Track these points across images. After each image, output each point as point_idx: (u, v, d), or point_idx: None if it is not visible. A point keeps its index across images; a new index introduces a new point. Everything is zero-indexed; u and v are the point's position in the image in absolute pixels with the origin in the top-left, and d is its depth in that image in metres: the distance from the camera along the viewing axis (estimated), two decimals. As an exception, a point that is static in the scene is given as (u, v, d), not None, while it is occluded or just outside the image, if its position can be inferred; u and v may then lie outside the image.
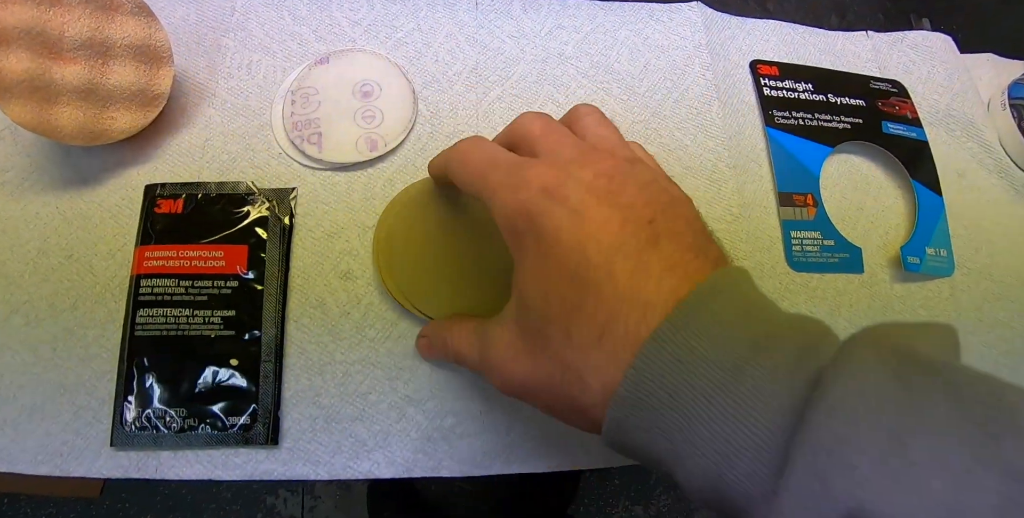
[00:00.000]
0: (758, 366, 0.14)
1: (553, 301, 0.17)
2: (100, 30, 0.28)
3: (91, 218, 0.29)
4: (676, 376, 0.15)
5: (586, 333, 0.16)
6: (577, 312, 0.16)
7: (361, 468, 0.25)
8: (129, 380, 0.26)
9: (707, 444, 0.14)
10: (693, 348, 0.15)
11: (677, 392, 0.15)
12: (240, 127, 0.31)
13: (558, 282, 0.17)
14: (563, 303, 0.17)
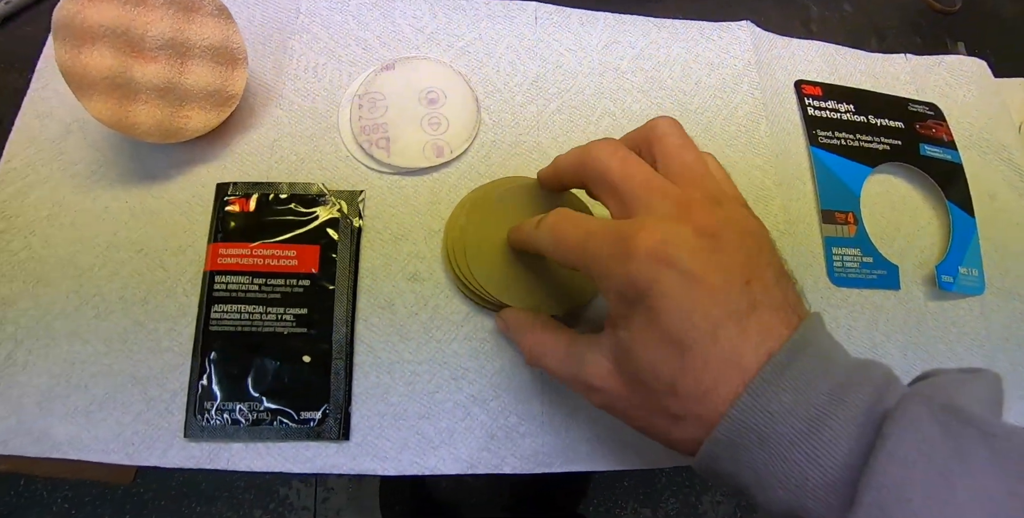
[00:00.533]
0: (834, 417, 0.17)
1: (660, 365, 0.19)
2: (181, 31, 0.29)
3: (160, 214, 0.30)
4: (766, 425, 0.17)
5: (691, 390, 0.18)
6: (682, 375, 0.18)
7: (427, 464, 0.26)
8: (203, 373, 0.27)
9: (789, 480, 0.17)
10: (781, 401, 0.17)
11: (765, 438, 0.17)
12: (308, 129, 0.32)
13: (665, 348, 0.18)
14: (670, 367, 0.19)
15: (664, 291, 0.18)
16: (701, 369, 0.18)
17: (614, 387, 0.21)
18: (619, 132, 0.34)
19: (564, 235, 0.21)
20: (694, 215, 0.19)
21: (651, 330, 0.19)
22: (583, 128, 0.34)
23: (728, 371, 0.18)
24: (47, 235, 0.30)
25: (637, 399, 0.20)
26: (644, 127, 0.24)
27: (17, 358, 0.28)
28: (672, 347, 0.18)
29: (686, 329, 0.18)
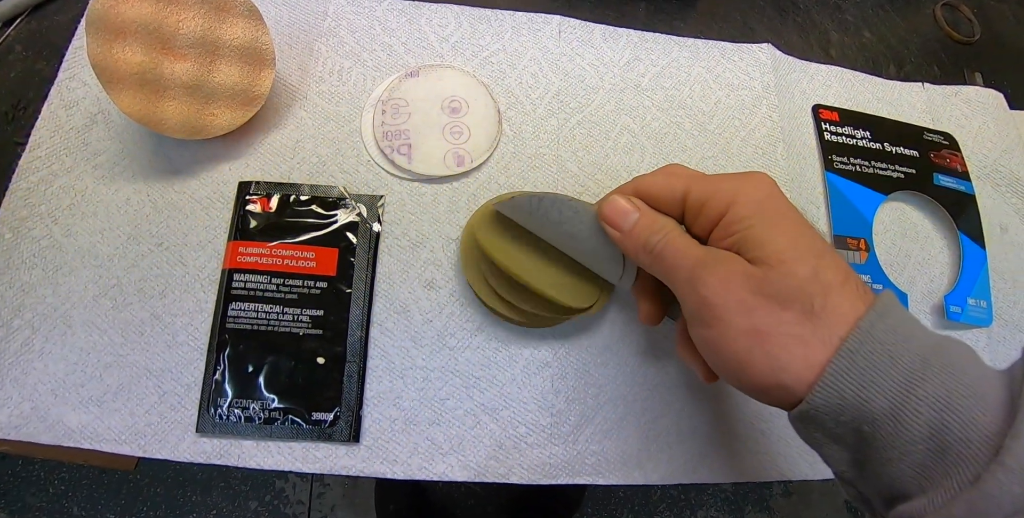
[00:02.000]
0: (953, 347, 0.18)
1: (801, 244, 0.20)
2: (212, 30, 0.29)
3: (181, 209, 0.30)
4: (894, 342, 0.18)
5: (831, 276, 0.19)
6: (822, 257, 0.20)
7: (436, 470, 0.27)
8: (218, 369, 0.27)
9: (929, 396, 0.17)
10: (903, 325, 0.18)
11: (896, 355, 0.17)
12: (330, 132, 0.32)
13: (802, 235, 0.20)
14: (811, 247, 0.20)
15: (788, 203, 0.21)
16: (834, 263, 0.20)
17: (747, 274, 0.20)
18: (637, 149, 0.35)
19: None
20: None
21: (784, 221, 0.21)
22: (602, 143, 0.34)
23: (849, 279, 0.19)
24: (69, 224, 0.30)
25: (773, 288, 0.19)
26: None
27: (34, 345, 0.28)
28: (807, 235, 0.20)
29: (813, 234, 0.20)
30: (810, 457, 0.30)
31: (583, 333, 0.30)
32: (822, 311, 0.18)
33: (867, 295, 0.19)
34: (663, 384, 0.30)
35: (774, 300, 0.19)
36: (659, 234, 0.22)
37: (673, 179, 0.23)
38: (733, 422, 0.30)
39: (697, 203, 0.22)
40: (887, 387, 0.17)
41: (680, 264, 0.21)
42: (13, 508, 0.70)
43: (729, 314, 0.20)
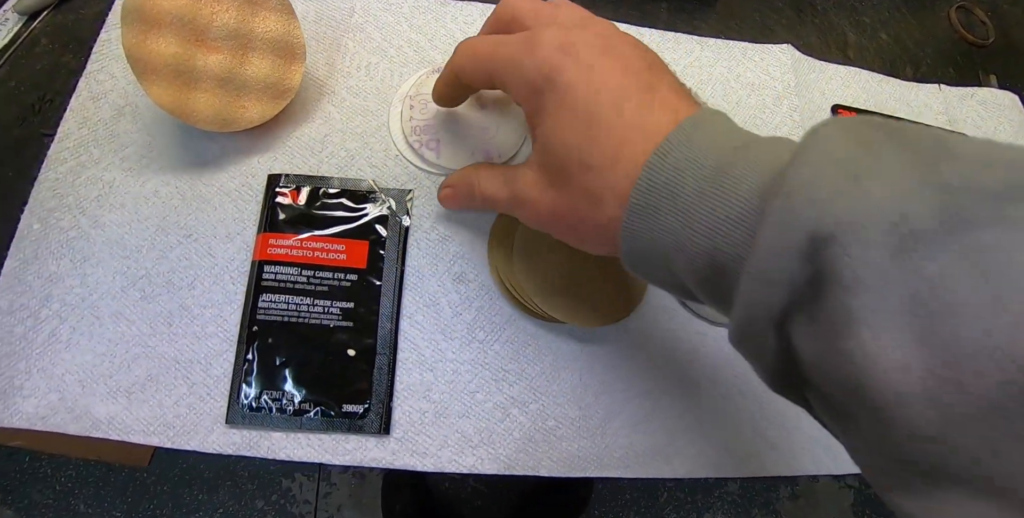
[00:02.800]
0: (739, 161, 0.17)
1: (571, 140, 0.20)
2: (245, 22, 0.30)
3: (210, 201, 0.30)
4: (675, 182, 0.18)
5: (600, 160, 0.19)
6: (593, 143, 0.20)
7: (466, 462, 0.27)
8: (248, 361, 0.27)
9: (702, 227, 0.17)
10: (688, 158, 0.18)
11: (676, 194, 0.17)
12: (358, 126, 0.33)
13: (574, 124, 0.20)
14: (580, 140, 0.20)
15: (570, 77, 0.20)
16: (607, 137, 0.19)
17: (541, 192, 0.22)
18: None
19: (477, 48, 0.23)
20: (595, 27, 0.22)
21: (560, 114, 0.20)
22: (628, 140, 0.34)
23: (633, 137, 0.19)
24: (97, 215, 0.30)
25: (561, 193, 0.21)
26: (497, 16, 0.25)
27: (61, 335, 0.28)
28: (581, 123, 0.20)
29: (590, 105, 0.20)
30: (833, 452, 0.30)
31: (611, 328, 0.30)
32: (601, 194, 0.20)
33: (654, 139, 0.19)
34: (689, 379, 0.30)
35: (566, 204, 0.21)
36: (475, 196, 0.26)
37: (478, 61, 0.23)
38: (758, 418, 0.30)
39: (501, 88, 0.23)
40: (669, 226, 0.18)
41: (505, 210, 0.25)
42: (20, 505, 0.69)
43: (553, 228, 0.23)
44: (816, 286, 0.14)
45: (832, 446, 0.31)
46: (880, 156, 0.14)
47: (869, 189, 0.13)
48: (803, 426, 0.30)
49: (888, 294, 0.12)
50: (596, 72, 0.20)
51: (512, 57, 0.21)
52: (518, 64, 0.21)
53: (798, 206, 0.14)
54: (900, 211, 0.13)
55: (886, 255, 0.13)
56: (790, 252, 0.14)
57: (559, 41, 0.20)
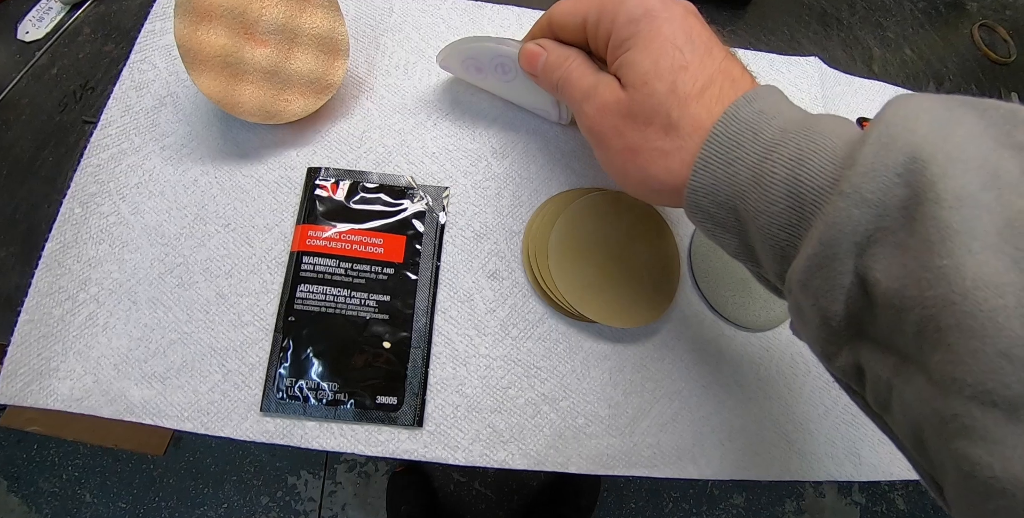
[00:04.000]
0: (823, 119, 0.18)
1: (662, 62, 0.21)
2: (292, 18, 0.30)
3: (249, 191, 0.31)
4: (760, 122, 0.19)
5: (690, 88, 0.21)
6: (683, 71, 0.21)
7: (497, 457, 0.27)
8: (284, 350, 0.27)
9: (784, 160, 0.17)
10: (773, 106, 0.19)
11: (759, 131, 0.19)
12: (396, 123, 0.33)
13: (668, 49, 0.21)
14: (671, 64, 0.21)
15: (669, 14, 0.21)
16: (698, 69, 0.21)
17: (616, 101, 0.22)
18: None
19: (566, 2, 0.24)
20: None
21: (655, 37, 0.21)
22: (660, 145, 0.35)
23: (721, 78, 0.21)
24: (136, 202, 0.30)
25: (637, 110, 0.22)
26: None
27: (98, 319, 0.28)
28: (674, 50, 0.21)
29: (687, 39, 0.21)
30: (855, 458, 0.31)
31: (641, 329, 0.30)
32: (680, 121, 0.21)
33: (738, 88, 0.21)
34: (716, 382, 0.30)
35: (639, 120, 0.22)
36: (560, 69, 0.25)
37: (578, 4, 0.24)
38: (783, 422, 0.30)
39: (592, 27, 0.24)
40: (748, 159, 0.19)
41: (573, 96, 0.25)
42: (26, 492, 0.69)
43: (606, 138, 0.23)
44: (910, 209, 0.14)
45: (852, 452, 0.31)
46: (961, 118, 0.15)
47: (958, 134, 0.14)
48: (826, 432, 0.31)
49: (985, 217, 0.13)
50: (690, 19, 0.22)
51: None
52: (622, 1, 0.22)
53: (897, 133, 0.15)
54: (985, 157, 0.14)
55: (980, 186, 0.13)
56: (888, 171, 0.14)
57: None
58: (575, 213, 0.30)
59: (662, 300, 0.30)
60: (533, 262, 0.29)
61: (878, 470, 0.31)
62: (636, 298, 0.29)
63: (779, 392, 0.31)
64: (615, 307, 0.29)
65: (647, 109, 0.21)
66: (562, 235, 0.29)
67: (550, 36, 0.27)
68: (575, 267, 0.29)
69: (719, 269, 0.32)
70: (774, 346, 0.31)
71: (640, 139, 0.22)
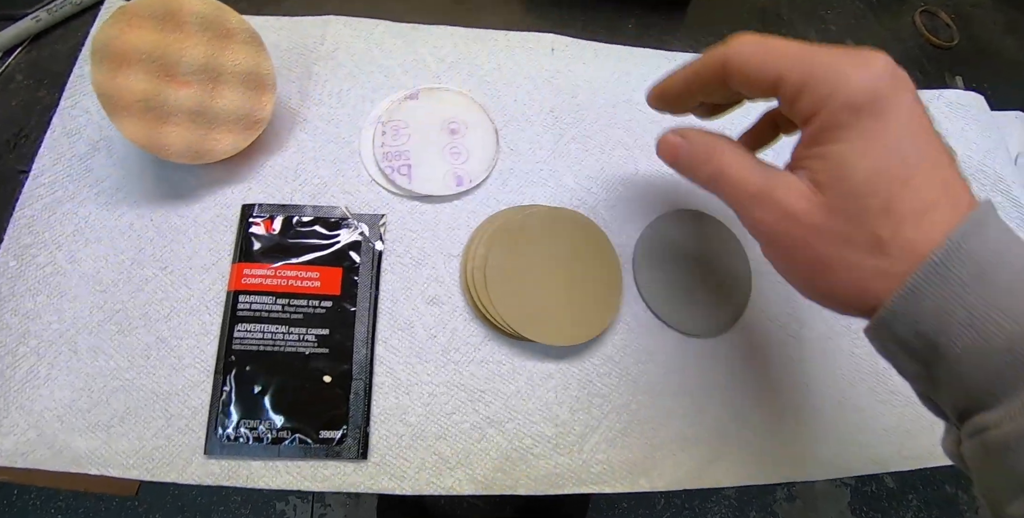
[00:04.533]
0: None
1: (882, 175, 0.18)
2: (214, 57, 0.30)
3: (186, 232, 0.31)
4: (985, 255, 0.17)
5: (908, 208, 0.18)
6: (904, 188, 0.18)
7: (444, 484, 0.27)
8: (225, 391, 0.27)
9: (1014, 310, 0.16)
10: (999, 237, 0.17)
11: (985, 268, 0.17)
12: (331, 153, 0.33)
13: (892, 158, 0.18)
14: (892, 178, 0.18)
15: (901, 108, 0.18)
16: (923, 186, 0.18)
17: (806, 208, 0.19)
18: (631, 162, 0.35)
19: (770, 42, 0.20)
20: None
21: (880, 138, 0.18)
22: (597, 157, 0.35)
23: (944, 199, 0.18)
24: (73, 250, 0.30)
25: (836, 222, 0.19)
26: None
27: (39, 372, 0.28)
28: (899, 159, 0.18)
29: (916, 145, 0.18)
30: (814, 460, 0.31)
31: (585, 344, 0.30)
32: (889, 243, 0.18)
33: (959, 210, 0.18)
34: (666, 392, 0.30)
35: (836, 233, 0.19)
36: (710, 164, 0.22)
37: (775, 55, 0.20)
38: (738, 427, 0.30)
39: (791, 94, 0.20)
40: (968, 299, 0.17)
41: (737, 198, 0.21)
42: (11, 539, 0.69)
43: (790, 249, 0.20)
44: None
45: (811, 455, 0.31)
46: None
47: None
48: (782, 435, 0.31)
49: None
50: (921, 117, 0.19)
51: (832, 64, 0.19)
52: (840, 73, 0.19)
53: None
54: None
55: None
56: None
57: (892, 67, 0.19)
58: (512, 231, 0.30)
59: (605, 313, 0.30)
60: (471, 285, 0.29)
61: (834, 467, 0.31)
62: (578, 313, 0.29)
63: (730, 398, 0.31)
64: (557, 324, 0.29)
65: (850, 224, 0.19)
66: (499, 255, 0.29)
67: (716, 79, 0.22)
68: (514, 287, 0.29)
69: (664, 278, 0.32)
70: (722, 352, 0.31)
71: (835, 254, 0.19)
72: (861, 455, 0.31)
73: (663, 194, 0.35)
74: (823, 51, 0.19)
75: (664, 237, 0.33)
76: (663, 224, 0.33)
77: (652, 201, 0.34)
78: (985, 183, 0.41)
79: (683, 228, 0.33)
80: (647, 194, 0.34)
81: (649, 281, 0.32)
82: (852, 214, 0.19)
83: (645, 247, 0.32)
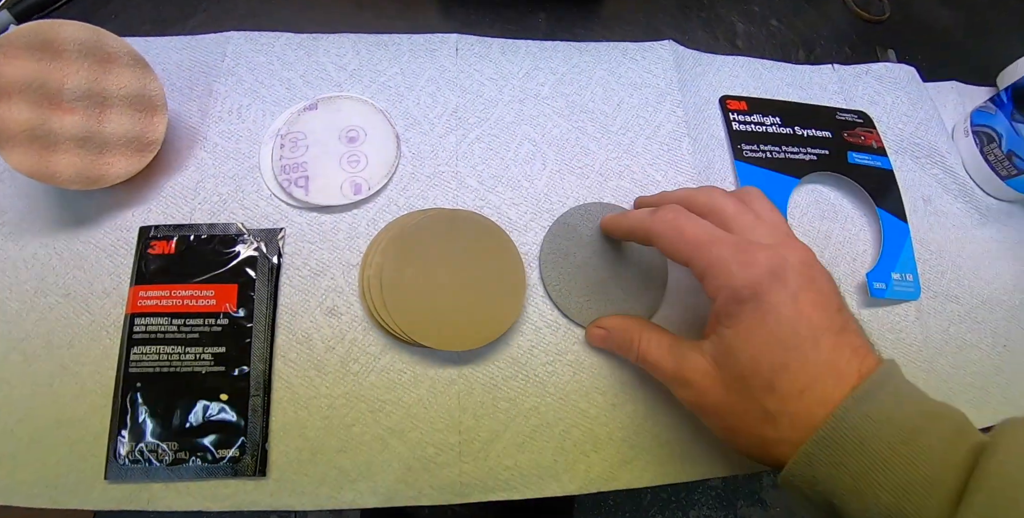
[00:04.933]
0: (930, 430, 0.19)
1: (762, 360, 0.21)
2: (98, 82, 0.30)
3: (87, 258, 0.31)
4: (866, 429, 0.19)
5: (789, 388, 0.21)
6: (783, 371, 0.21)
7: (345, 498, 0.26)
8: (123, 415, 0.27)
9: (889, 483, 0.18)
10: (880, 410, 0.20)
11: (865, 441, 0.19)
12: (231, 169, 0.33)
13: (770, 345, 0.21)
14: (771, 362, 0.21)
15: (776, 300, 0.21)
16: (800, 369, 0.21)
17: (710, 386, 0.23)
18: (539, 157, 0.35)
19: (688, 231, 0.24)
20: (798, 251, 0.23)
21: (758, 328, 0.21)
22: (502, 155, 0.34)
23: (825, 375, 0.21)
24: (-24, 284, 0.30)
25: (732, 398, 0.22)
26: (738, 191, 0.27)
27: (-55, 407, 0.28)
28: (776, 345, 0.21)
29: (791, 333, 0.21)
30: (724, 458, 0.30)
31: (488, 347, 0.29)
32: (778, 417, 0.21)
33: (846, 381, 0.21)
34: (576, 392, 0.29)
35: (735, 406, 0.22)
36: (632, 352, 0.27)
37: (680, 242, 0.24)
38: (651, 425, 0.29)
39: (698, 275, 0.24)
40: (853, 467, 0.19)
41: (661, 377, 0.26)
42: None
43: (706, 417, 0.24)
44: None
45: (721, 452, 0.30)
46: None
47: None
48: (700, 428, 0.30)
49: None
50: (799, 303, 0.21)
51: (724, 260, 0.22)
52: (728, 270, 0.22)
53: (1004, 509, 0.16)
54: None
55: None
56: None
57: (772, 264, 0.22)
58: (408, 237, 0.29)
59: (507, 315, 0.29)
60: (367, 294, 0.29)
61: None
62: (480, 316, 0.29)
63: (643, 395, 0.30)
64: (457, 329, 0.28)
65: (743, 399, 0.22)
66: (395, 262, 0.28)
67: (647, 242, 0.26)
68: (411, 293, 0.28)
69: (571, 274, 0.31)
70: (635, 346, 0.31)
71: (738, 424, 0.22)
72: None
73: (571, 189, 0.34)
74: (723, 244, 0.23)
75: (572, 232, 0.32)
76: (571, 219, 0.33)
77: (561, 196, 0.34)
78: (920, 155, 0.40)
79: (592, 222, 0.32)
80: (555, 190, 0.34)
81: (556, 278, 0.31)
82: (742, 391, 0.22)
83: (551, 243, 0.32)
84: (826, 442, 0.20)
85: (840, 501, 0.19)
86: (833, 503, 0.20)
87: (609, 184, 0.34)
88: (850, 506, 0.19)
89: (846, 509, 0.19)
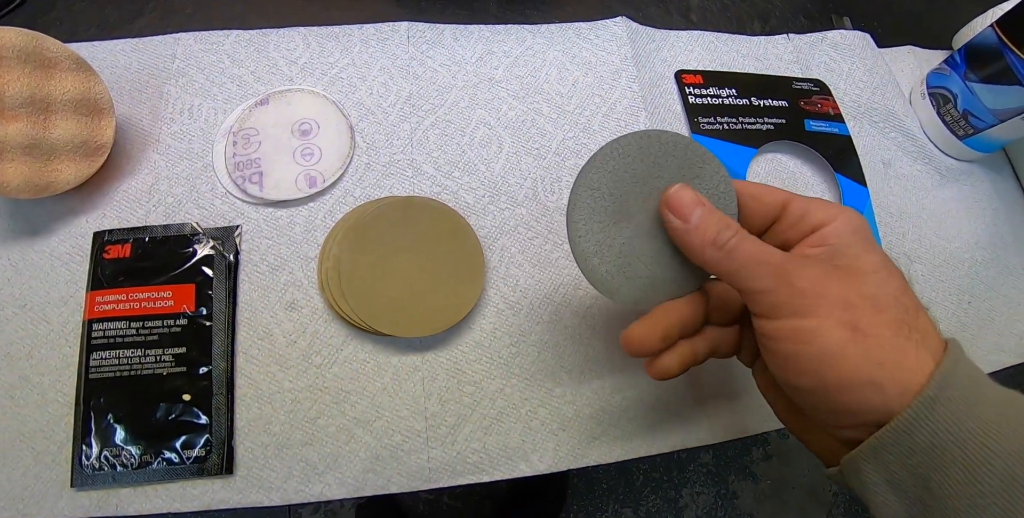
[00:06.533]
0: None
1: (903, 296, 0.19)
2: (40, 88, 0.30)
3: (42, 267, 0.30)
4: (971, 390, 0.18)
5: (922, 327, 0.19)
6: (920, 311, 0.19)
7: (313, 491, 0.26)
8: (86, 422, 0.27)
9: (1003, 450, 0.17)
10: (975, 372, 0.19)
11: (972, 403, 0.17)
12: (184, 170, 0.32)
13: (904, 287, 0.20)
14: (912, 302, 0.19)
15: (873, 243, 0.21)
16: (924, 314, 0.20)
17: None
18: (495, 141, 0.34)
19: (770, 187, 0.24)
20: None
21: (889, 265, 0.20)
22: (457, 140, 0.34)
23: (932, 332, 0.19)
24: (-67, 299, 0.30)
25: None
26: None
27: (-93, 424, 0.28)
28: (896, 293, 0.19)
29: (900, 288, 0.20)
30: (694, 425, 0.30)
31: (451, 332, 0.29)
32: (915, 325, 0.19)
33: (938, 345, 0.19)
34: (541, 372, 0.29)
35: (872, 302, 0.19)
36: (730, 230, 0.21)
37: (773, 188, 0.23)
38: (618, 400, 0.29)
39: (797, 212, 0.22)
40: (964, 437, 0.17)
41: (764, 260, 0.20)
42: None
43: (828, 306, 0.19)
44: None
45: (692, 421, 0.30)
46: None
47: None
48: (667, 399, 0.30)
49: None
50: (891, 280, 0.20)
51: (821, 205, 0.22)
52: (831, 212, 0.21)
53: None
54: None
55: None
56: None
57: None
58: (364, 226, 0.29)
59: (467, 299, 0.29)
60: (326, 285, 0.28)
61: (730, 430, 0.30)
62: (439, 302, 0.28)
63: (610, 369, 0.30)
64: (418, 315, 0.28)
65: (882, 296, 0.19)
66: (352, 251, 0.28)
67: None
68: (369, 282, 0.28)
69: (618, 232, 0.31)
70: (600, 322, 0.31)
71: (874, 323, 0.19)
72: (756, 415, 0.30)
73: (529, 169, 0.34)
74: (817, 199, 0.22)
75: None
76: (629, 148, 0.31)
77: (518, 178, 0.34)
78: (878, 120, 0.40)
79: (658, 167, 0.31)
80: (512, 172, 0.34)
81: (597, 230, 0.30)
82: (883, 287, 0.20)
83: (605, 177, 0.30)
84: (931, 404, 0.17)
85: (941, 474, 0.17)
86: (930, 478, 0.17)
87: (567, 163, 0.34)
88: (951, 478, 0.17)
89: (946, 482, 0.17)
